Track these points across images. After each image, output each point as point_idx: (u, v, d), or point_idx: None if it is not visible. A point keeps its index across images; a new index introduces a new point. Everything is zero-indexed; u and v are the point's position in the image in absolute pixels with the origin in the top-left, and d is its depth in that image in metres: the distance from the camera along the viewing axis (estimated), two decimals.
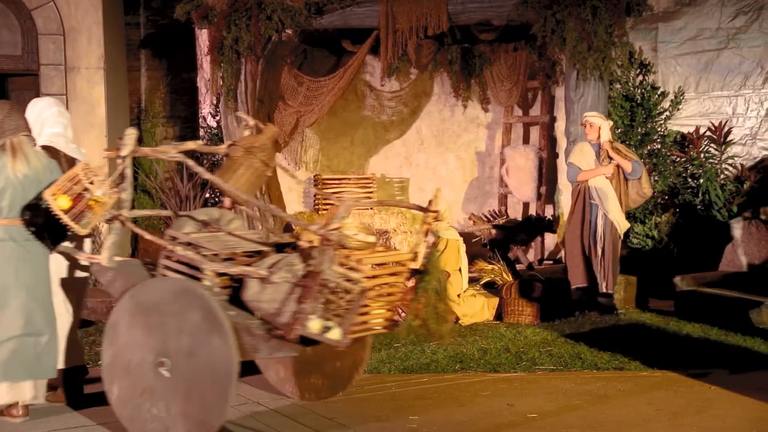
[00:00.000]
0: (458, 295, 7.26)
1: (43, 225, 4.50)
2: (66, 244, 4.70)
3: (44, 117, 4.84)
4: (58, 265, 4.77)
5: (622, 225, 7.24)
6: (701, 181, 9.01)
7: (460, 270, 7.35)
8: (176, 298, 4.13)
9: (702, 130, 9.26)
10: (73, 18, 9.78)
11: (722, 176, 9.08)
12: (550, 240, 9.65)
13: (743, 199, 8.80)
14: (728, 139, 9.24)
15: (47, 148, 4.74)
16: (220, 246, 4.32)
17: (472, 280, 7.75)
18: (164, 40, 10.99)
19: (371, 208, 9.84)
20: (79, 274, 4.88)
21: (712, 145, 9.24)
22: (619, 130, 8.98)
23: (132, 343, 4.17)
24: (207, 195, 10.21)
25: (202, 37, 10.04)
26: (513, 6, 7.86)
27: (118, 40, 10.64)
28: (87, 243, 4.85)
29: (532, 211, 9.91)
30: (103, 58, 9.87)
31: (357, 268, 4.05)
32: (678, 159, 9.24)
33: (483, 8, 8.10)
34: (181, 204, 9.75)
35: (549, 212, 9.69)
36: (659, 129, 9.28)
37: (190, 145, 4.79)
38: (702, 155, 9.13)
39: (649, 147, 9.15)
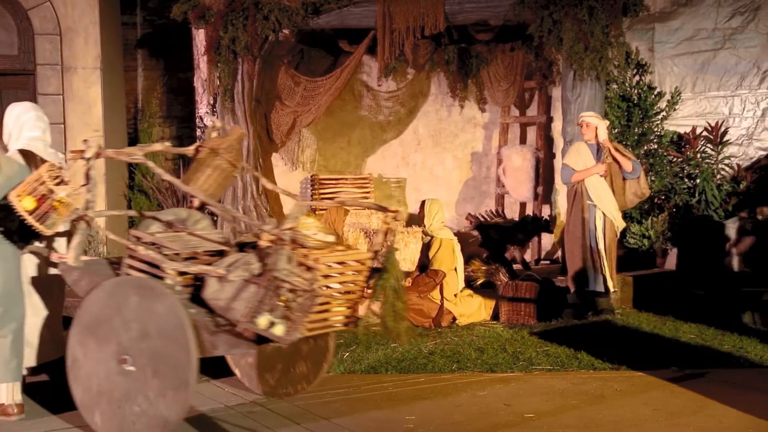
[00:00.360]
0: (455, 295, 7.26)
1: (17, 228, 4.57)
2: (37, 243, 4.77)
3: (22, 121, 4.88)
4: (34, 265, 4.83)
5: (619, 224, 7.26)
6: (698, 181, 9.02)
7: (455, 269, 7.35)
8: (109, 298, 4.28)
9: (698, 131, 9.27)
10: (70, 18, 9.77)
11: (719, 176, 9.09)
12: (547, 240, 9.66)
13: (740, 199, 8.81)
14: (725, 139, 9.25)
15: (24, 153, 4.79)
16: (182, 245, 4.44)
17: (469, 281, 7.76)
18: (161, 40, 10.99)
19: (367, 209, 9.84)
20: (56, 271, 4.94)
21: (708, 145, 9.26)
22: (616, 131, 8.99)
23: (93, 366, 4.27)
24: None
25: (199, 37, 10.03)
26: (510, 6, 7.87)
27: (115, 40, 10.63)
28: (62, 242, 4.89)
29: (529, 211, 9.92)
30: (100, 58, 9.86)
31: (314, 266, 4.14)
32: (674, 159, 9.25)
33: (480, 8, 8.11)
34: (178, 203, 9.73)
35: (546, 212, 9.70)
36: (656, 129, 9.29)
37: (157, 146, 4.93)
38: (698, 155, 9.14)
39: (645, 147, 9.16)
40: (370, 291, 4.47)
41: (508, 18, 8.01)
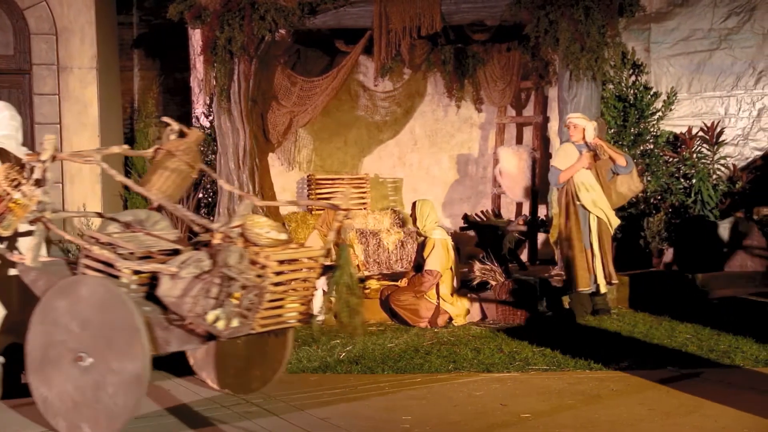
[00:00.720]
0: (451, 294, 7.27)
1: None
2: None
3: None
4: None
5: (613, 221, 7.23)
6: (694, 181, 9.04)
7: (451, 269, 7.35)
8: (63, 297, 4.33)
9: (694, 131, 9.29)
10: (66, 18, 9.75)
11: (714, 176, 9.11)
12: (544, 240, 9.66)
13: (735, 199, 8.83)
14: (720, 139, 9.28)
15: None
16: (136, 245, 4.56)
17: (465, 281, 7.76)
18: (157, 40, 10.98)
19: (364, 209, 9.84)
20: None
21: (704, 145, 9.28)
22: (612, 131, 9.01)
23: (61, 388, 4.31)
24: (200, 195, 10.19)
25: (195, 37, 10.02)
26: (506, 6, 7.87)
27: (111, 40, 10.62)
28: (26, 241, 4.92)
29: (525, 211, 9.92)
30: (96, 58, 9.85)
31: (265, 263, 4.26)
32: (670, 159, 9.26)
33: (476, 8, 8.11)
34: (176, 203, 9.72)
35: (542, 212, 9.70)
36: (652, 129, 9.31)
37: (114, 149, 5.04)
38: (694, 155, 9.16)
39: (641, 147, 9.17)
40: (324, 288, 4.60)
41: (504, 18, 8.02)
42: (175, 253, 4.58)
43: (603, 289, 7.17)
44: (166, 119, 5.15)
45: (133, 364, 4.15)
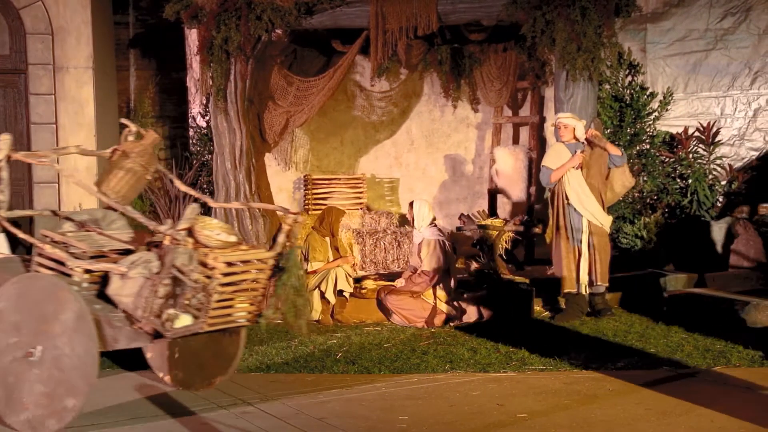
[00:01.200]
0: (448, 294, 7.27)
1: None
2: None
3: None
4: None
5: (604, 220, 7.20)
6: (690, 181, 9.05)
7: (448, 270, 7.36)
8: (14, 295, 4.38)
9: (690, 131, 9.30)
10: (62, 17, 9.73)
11: (711, 176, 9.12)
12: (540, 240, 9.66)
13: (730, 199, 8.84)
14: (716, 139, 9.29)
15: None
16: (89, 245, 4.68)
17: (462, 281, 7.76)
18: (153, 39, 10.96)
19: (361, 209, 9.84)
20: None
21: (700, 145, 9.29)
22: (609, 131, 9.01)
23: (25, 393, 4.33)
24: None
25: (192, 36, 10.01)
26: (502, 6, 7.87)
27: (107, 40, 10.61)
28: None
29: (522, 211, 9.92)
30: (92, 57, 9.83)
31: (213, 265, 4.42)
32: (667, 159, 9.28)
33: (473, 8, 8.11)
34: (171, 204, 9.72)
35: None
36: (648, 129, 9.32)
37: (71, 149, 5.14)
38: (690, 156, 9.17)
39: (638, 147, 9.18)
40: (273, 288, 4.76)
41: (500, 18, 8.02)
42: (128, 252, 4.72)
43: (583, 290, 7.12)
44: (124, 121, 5.30)
45: (80, 356, 4.28)
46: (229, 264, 4.52)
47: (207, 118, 10.04)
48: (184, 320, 4.45)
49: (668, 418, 4.59)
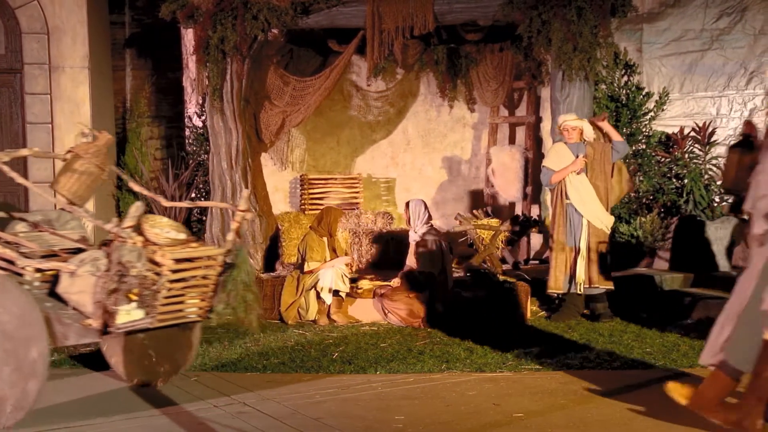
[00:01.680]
0: (444, 294, 7.27)
1: None
2: None
3: None
4: None
5: (607, 221, 7.20)
6: (686, 181, 9.07)
7: (444, 269, 7.36)
8: None
9: (686, 131, 9.32)
10: (58, 17, 9.72)
11: (706, 176, 9.14)
12: (536, 240, 9.68)
13: (727, 199, 8.86)
14: (712, 139, 9.31)
15: None
16: (40, 244, 4.81)
17: (458, 281, 7.77)
18: (149, 39, 10.95)
19: (356, 209, 9.84)
20: None
21: (696, 145, 9.31)
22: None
23: None
24: (193, 195, 10.18)
25: (188, 36, 10.00)
26: (499, 6, 7.88)
27: (103, 40, 10.59)
28: None
29: (518, 210, 9.94)
30: (88, 57, 9.81)
31: (161, 262, 4.56)
32: (663, 159, 9.29)
33: (469, 8, 8.12)
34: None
35: (535, 212, 9.72)
36: (644, 129, 9.34)
37: (24, 151, 5.18)
38: (686, 156, 9.19)
39: (634, 147, 9.19)
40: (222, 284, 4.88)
41: (497, 18, 8.03)
42: (80, 251, 4.84)
43: (579, 290, 7.11)
44: (78, 123, 5.35)
45: (32, 350, 4.33)
46: (178, 261, 4.63)
47: (203, 117, 10.04)
48: (129, 315, 4.58)
49: (664, 418, 4.60)
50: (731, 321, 4.27)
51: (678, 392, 4.37)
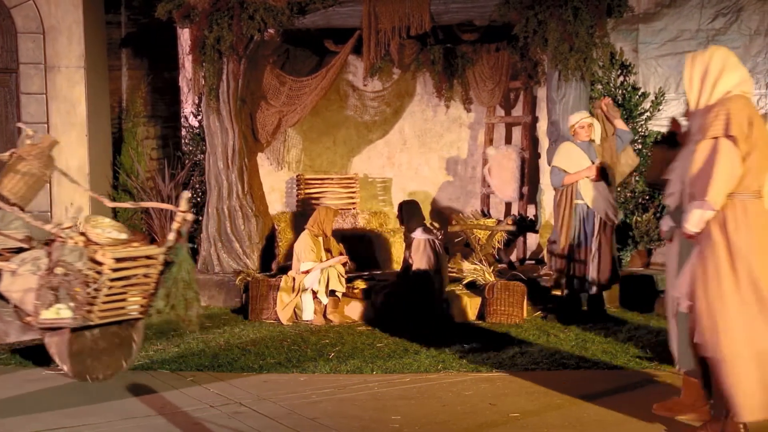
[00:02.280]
0: (441, 293, 7.27)
1: None
2: None
3: None
4: None
5: (614, 215, 7.18)
6: None
7: (440, 269, 7.36)
8: None
9: (682, 131, 9.32)
10: (53, 17, 9.70)
11: None
12: (533, 240, 9.69)
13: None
14: None
15: None
16: None
17: (454, 280, 7.77)
18: (145, 39, 10.93)
19: (353, 209, 9.84)
20: None
21: None
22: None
23: None
24: (189, 194, 10.14)
25: (184, 36, 9.98)
26: (495, 6, 7.88)
27: (99, 39, 10.57)
28: None
29: (515, 211, 9.95)
30: (84, 57, 9.80)
31: (102, 261, 4.73)
32: None
33: (465, 8, 8.12)
34: (162, 203, 9.69)
35: (531, 212, 9.72)
36: (640, 129, 9.34)
37: None
38: None
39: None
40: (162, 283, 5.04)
41: (493, 18, 8.03)
42: (23, 251, 4.98)
43: (591, 290, 7.13)
44: (20, 125, 5.50)
45: None
46: (118, 260, 4.78)
47: (199, 117, 10.02)
48: (57, 314, 4.71)
49: (660, 417, 4.60)
50: (671, 322, 4.40)
51: (666, 410, 4.47)
